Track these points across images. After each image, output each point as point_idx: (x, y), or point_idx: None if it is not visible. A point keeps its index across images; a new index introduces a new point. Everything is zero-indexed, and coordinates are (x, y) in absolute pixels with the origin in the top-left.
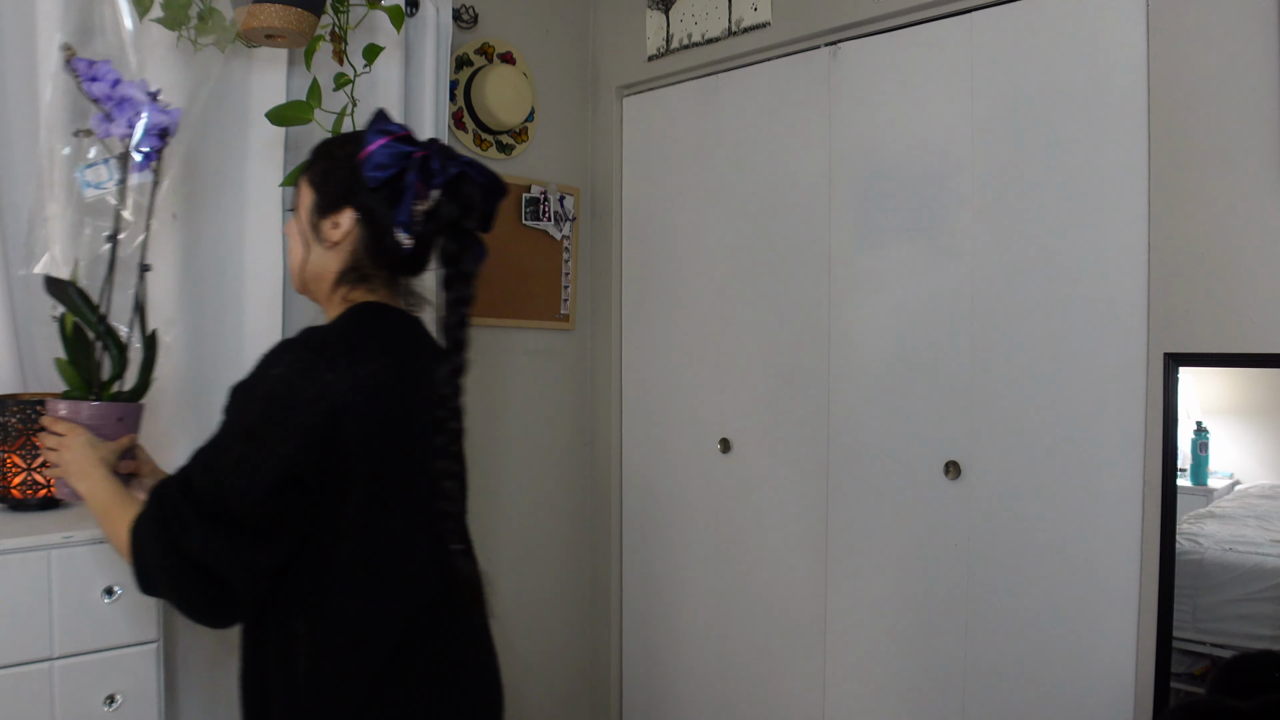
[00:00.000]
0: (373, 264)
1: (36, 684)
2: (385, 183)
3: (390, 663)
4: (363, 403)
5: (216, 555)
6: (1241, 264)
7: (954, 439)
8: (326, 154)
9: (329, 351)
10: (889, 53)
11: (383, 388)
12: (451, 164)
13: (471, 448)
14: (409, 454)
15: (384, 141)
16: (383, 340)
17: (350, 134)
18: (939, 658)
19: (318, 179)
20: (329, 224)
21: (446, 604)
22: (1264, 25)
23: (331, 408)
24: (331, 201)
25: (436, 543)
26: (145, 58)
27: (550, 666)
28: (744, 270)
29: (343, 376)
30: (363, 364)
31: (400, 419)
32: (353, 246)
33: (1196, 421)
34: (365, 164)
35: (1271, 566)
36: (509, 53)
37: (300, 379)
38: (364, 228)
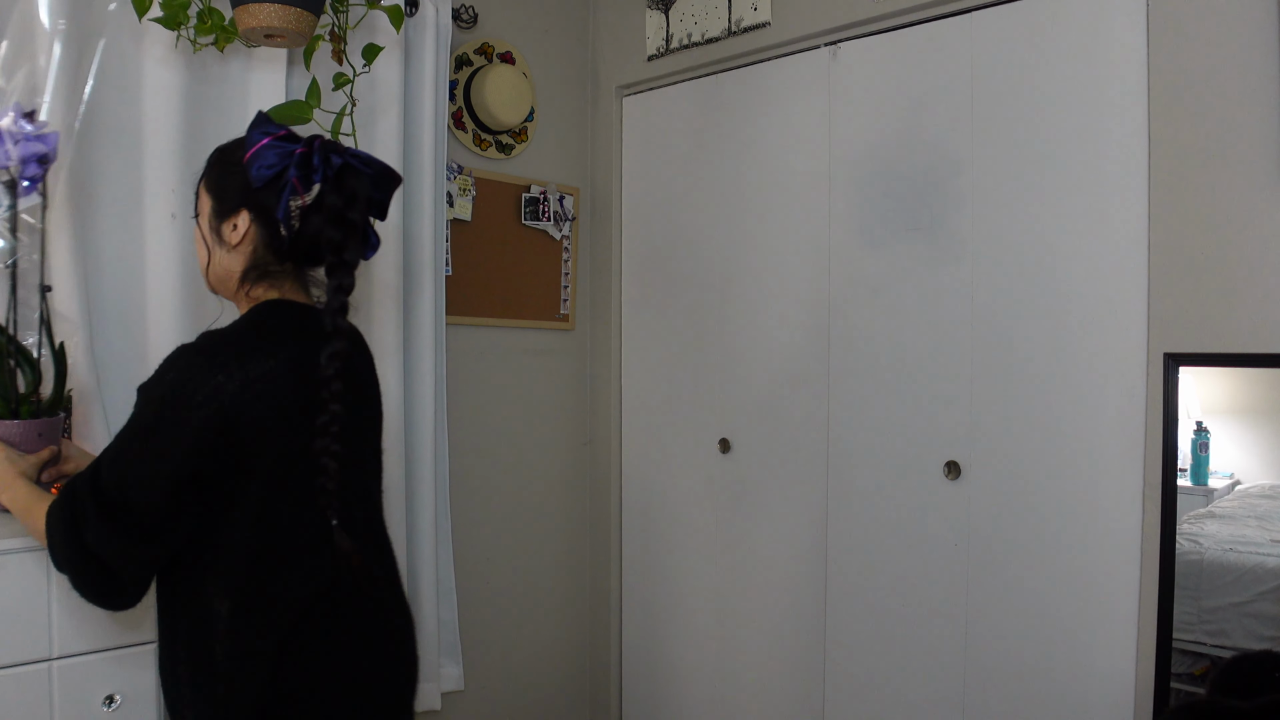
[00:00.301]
0: (275, 260)
1: (36, 684)
2: (270, 180)
3: (293, 638)
4: (254, 401)
5: (109, 549)
6: (1241, 264)
7: (954, 439)
8: (220, 160)
9: (221, 354)
10: (889, 53)
11: (275, 384)
12: (335, 157)
13: (471, 447)
14: (306, 445)
15: (266, 141)
16: (278, 337)
17: (239, 139)
18: (939, 658)
19: (214, 185)
20: (228, 226)
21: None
22: (1264, 25)
23: (222, 407)
24: (228, 205)
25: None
26: (145, 57)
27: (550, 665)
28: (744, 270)
29: (233, 377)
30: (254, 364)
31: (294, 412)
32: (252, 245)
33: (1196, 421)
34: (250, 165)
35: (1272, 566)
36: (508, 52)
37: (192, 382)
38: (259, 226)
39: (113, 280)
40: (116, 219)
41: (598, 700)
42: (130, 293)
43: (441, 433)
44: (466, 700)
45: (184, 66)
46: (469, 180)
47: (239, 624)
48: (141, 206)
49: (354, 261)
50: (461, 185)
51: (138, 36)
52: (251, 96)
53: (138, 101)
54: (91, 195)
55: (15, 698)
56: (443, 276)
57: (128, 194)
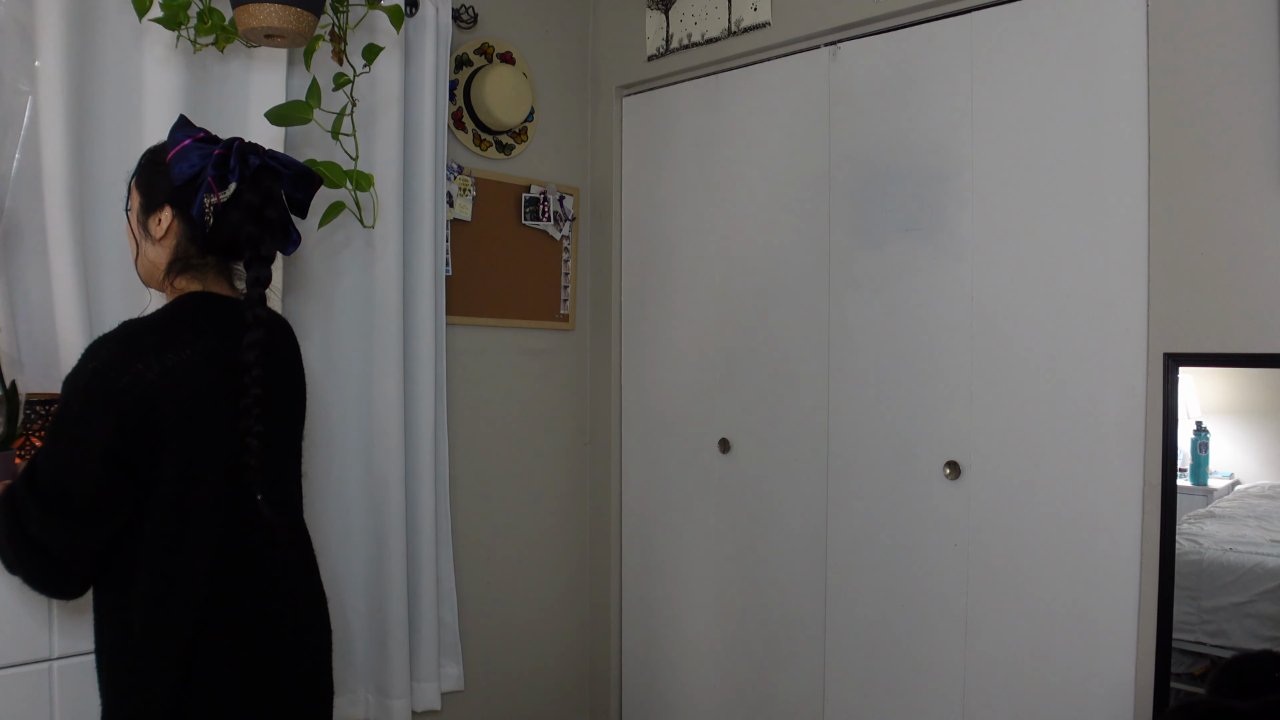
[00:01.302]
0: (197, 253)
1: (36, 684)
2: (190, 179)
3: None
4: (171, 388)
5: (54, 538)
6: (1241, 264)
7: (954, 439)
8: (149, 160)
9: (140, 344)
10: (889, 53)
11: (192, 373)
12: (253, 158)
13: (472, 448)
14: (222, 430)
15: (187, 143)
16: (197, 327)
17: (166, 141)
18: (939, 658)
19: (142, 183)
20: (154, 221)
21: (257, 561)
22: (1264, 25)
23: (144, 395)
24: (153, 201)
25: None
26: (145, 57)
27: (550, 665)
28: (744, 270)
29: (151, 366)
30: (172, 353)
31: (211, 400)
32: (175, 239)
33: (1196, 421)
34: (172, 164)
35: (1271, 566)
36: (508, 53)
37: (114, 370)
38: (181, 222)
39: (113, 280)
40: (117, 221)
41: (598, 700)
42: (129, 292)
43: (441, 432)
44: (466, 700)
45: (184, 66)
46: (469, 180)
47: (153, 604)
48: None
49: (270, 256)
50: (461, 185)
51: (138, 36)
52: (251, 97)
53: (138, 101)
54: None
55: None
56: (443, 276)
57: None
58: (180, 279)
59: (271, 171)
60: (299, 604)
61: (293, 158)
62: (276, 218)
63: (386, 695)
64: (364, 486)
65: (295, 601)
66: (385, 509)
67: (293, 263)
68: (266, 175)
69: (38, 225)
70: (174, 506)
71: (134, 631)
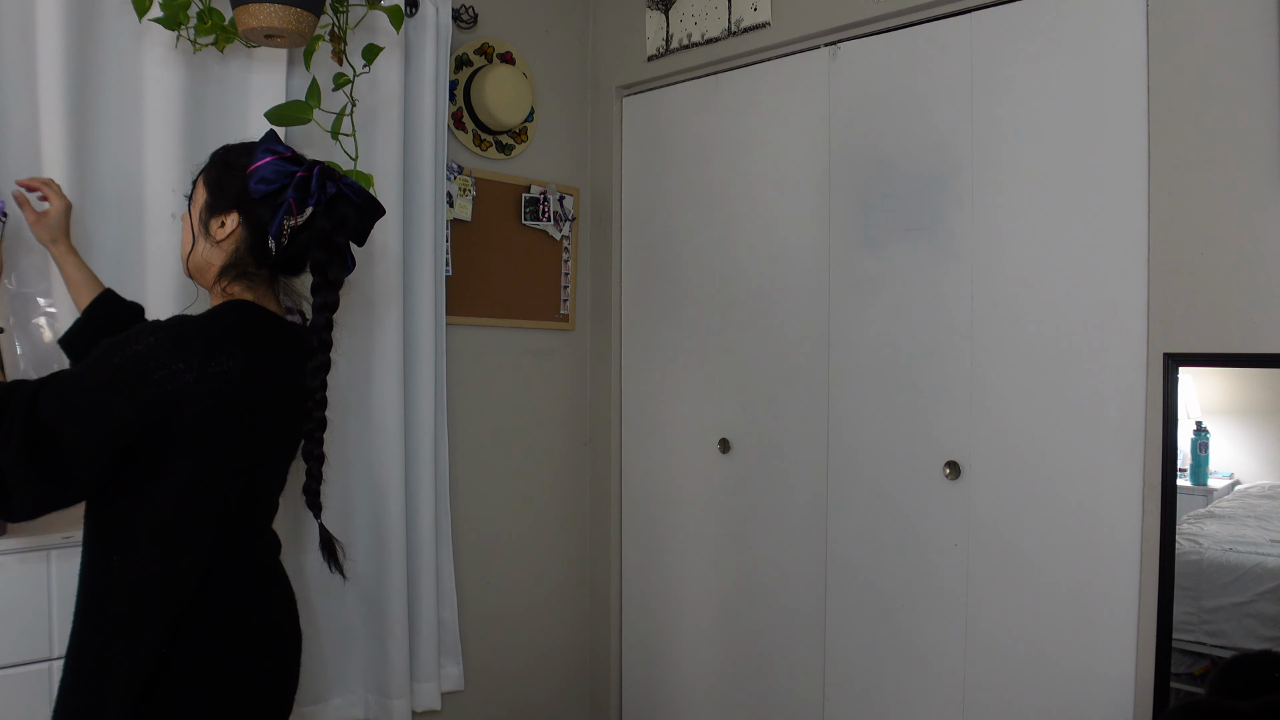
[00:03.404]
0: (254, 264)
1: (36, 684)
2: (268, 195)
3: (188, 607)
4: (206, 397)
5: (18, 474)
6: (1241, 264)
7: (954, 439)
8: (223, 160)
9: (189, 343)
10: (889, 53)
11: (229, 385)
12: (330, 184)
13: (471, 447)
14: (247, 445)
15: (271, 159)
16: (244, 339)
17: (247, 145)
18: (939, 658)
19: (212, 182)
20: (216, 223)
21: (247, 571)
22: (1264, 25)
23: (175, 395)
24: (221, 204)
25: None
26: (145, 58)
27: (550, 665)
28: (744, 270)
29: (192, 368)
30: (215, 361)
31: (242, 414)
32: (235, 245)
33: (1196, 421)
34: (252, 176)
35: (1271, 566)
36: (509, 53)
37: (154, 360)
38: (246, 230)
39: (113, 279)
40: (116, 219)
41: (598, 700)
42: (130, 292)
43: (441, 433)
44: (466, 700)
45: (184, 66)
46: (469, 180)
47: (136, 591)
48: (142, 206)
49: (338, 281)
50: (461, 185)
51: (138, 36)
52: (251, 97)
53: (138, 101)
54: (92, 197)
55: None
56: (443, 276)
57: (128, 194)
58: (234, 285)
59: (346, 200)
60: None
61: (362, 186)
62: (344, 244)
63: (386, 695)
64: (364, 486)
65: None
66: (385, 509)
67: None
68: (341, 203)
69: None
70: (175, 505)
71: (108, 615)
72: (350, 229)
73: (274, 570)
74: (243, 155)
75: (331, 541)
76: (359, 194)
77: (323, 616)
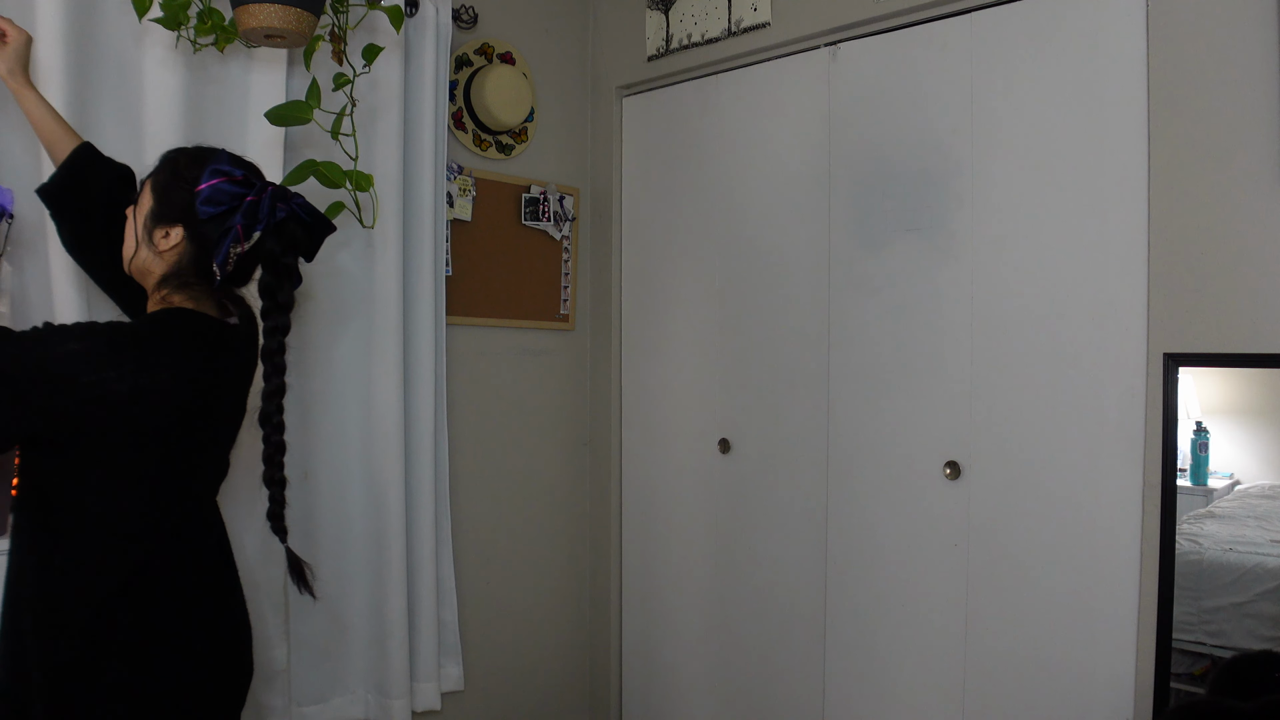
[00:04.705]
0: (194, 275)
1: None
2: (215, 217)
3: (125, 587)
4: (135, 406)
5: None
6: (1241, 264)
7: (954, 439)
8: (173, 169)
9: (123, 352)
10: (889, 53)
11: (162, 396)
12: (281, 208)
13: (471, 447)
14: (181, 449)
15: (219, 181)
16: (181, 349)
17: (199, 154)
18: (939, 657)
19: (159, 189)
20: (160, 233)
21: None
22: (1264, 25)
23: (102, 401)
24: (167, 214)
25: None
26: (145, 58)
27: (550, 666)
28: (744, 270)
29: (125, 378)
30: (148, 373)
31: (174, 423)
32: (177, 257)
33: (1196, 421)
34: (199, 197)
35: (1271, 567)
36: (509, 53)
37: (85, 365)
38: (191, 245)
39: None
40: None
41: (598, 700)
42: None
43: (441, 433)
44: (466, 700)
45: (184, 67)
46: (469, 180)
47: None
48: None
49: (288, 304)
50: (461, 185)
51: (138, 36)
52: (251, 97)
53: (138, 102)
54: None
55: None
56: (443, 276)
57: None
58: (175, 295)
59: (296, 220)
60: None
61: (312, 205)
62: (293, 265)
63: (386, 695)
64: (364, 486)
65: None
66: (385, 509)
67: None
68: (291, 224)
69: (38, 225)
70: (105, 501)
71: (48, 582)
72: (300, 250)
73: (213, 567)
74: (193, 166)
75: (300, 565)
76: (309, 213)
77: (322, 617)
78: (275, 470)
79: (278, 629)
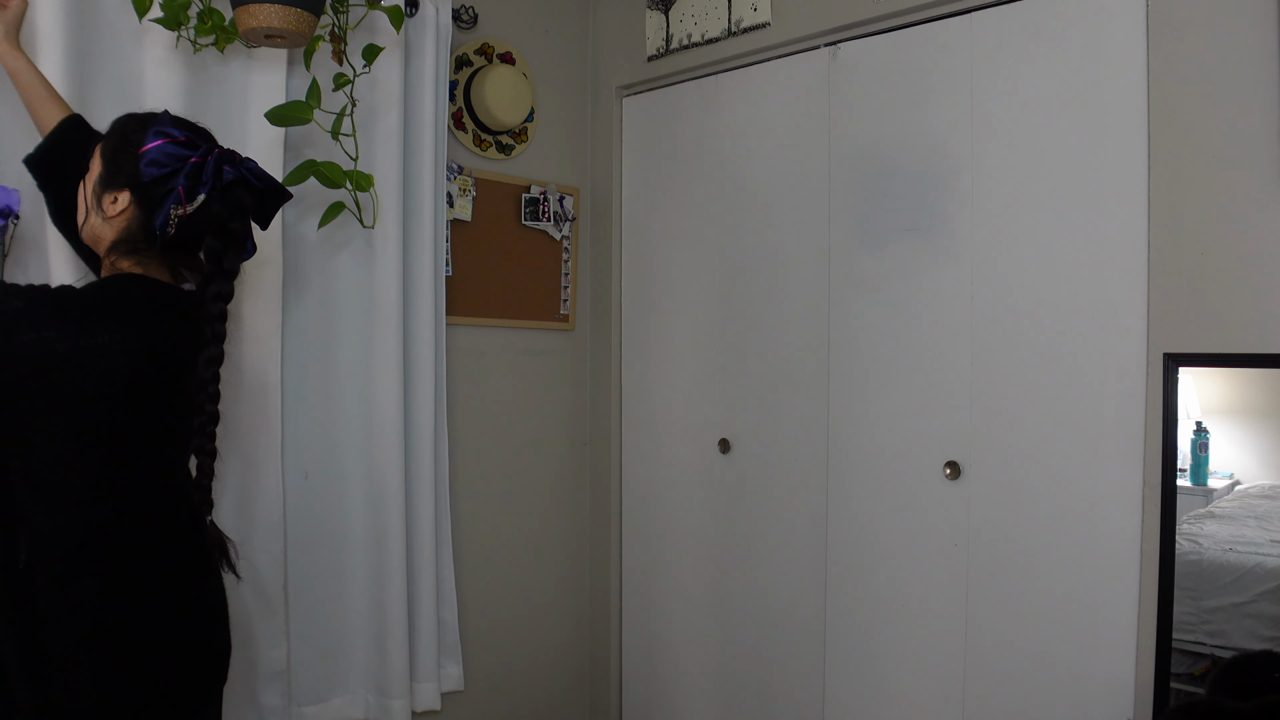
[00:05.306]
0: (144, 241)
1: None
2: (158, 179)
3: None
4: (76, 369)
5: None
6: (1241, 264)
7: (954, 439)
8: (120, 134)
9: (66, 313)
10: (889, 53)
11: (104, 359)
12: (228, 169)
13: (471, 447)
14: (129, 414)
15: (162, 142)
16: (127, 313)
17: (147, 118)
18: (939, 658)
19: (107, 155)
20: (109, 199)
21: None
22: (1264, 25)
23: (41, 360)
24: (114, 180)
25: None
26: (145, 58)
27: (550, 666)
28: (744, 270)
29: (65, 338)
30: (91, 334)
31: (121, 387)
32: (126, 222)
33: (1196, 421)
34: (142, 159)
35: (1271, 567)
36: (509, 53)
37: (26, 321)
38: (138, 209)
39: None
40: None
41: (598, 700)
42: None
43: (441, 433)
44: (466, 700)
45: (184, 67)
46: (469, 180)
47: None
48: None
49: (233, 270)
50: (461, 185)
51: (138, 36)
52: (251, 97)
53: (138, 102)
54: None
55: None
56: (443, 276)
57: None
58: (124, 260)
59: (244, 184)
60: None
61: (264, 170)
62: (241, 231)
63: (386, 695)
64: (364, 486)
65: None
66: (385, 509)
67: (293, 262)
68: (239, 188)
69: (37, 226)
70: (58, 464)
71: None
72: (248, 215)
73: (185, 536)
74: (138, 130)
75: (223, 540)
76: (260, 178)
77: (323, 616)
78: (206, 440)
79: (278, 629)
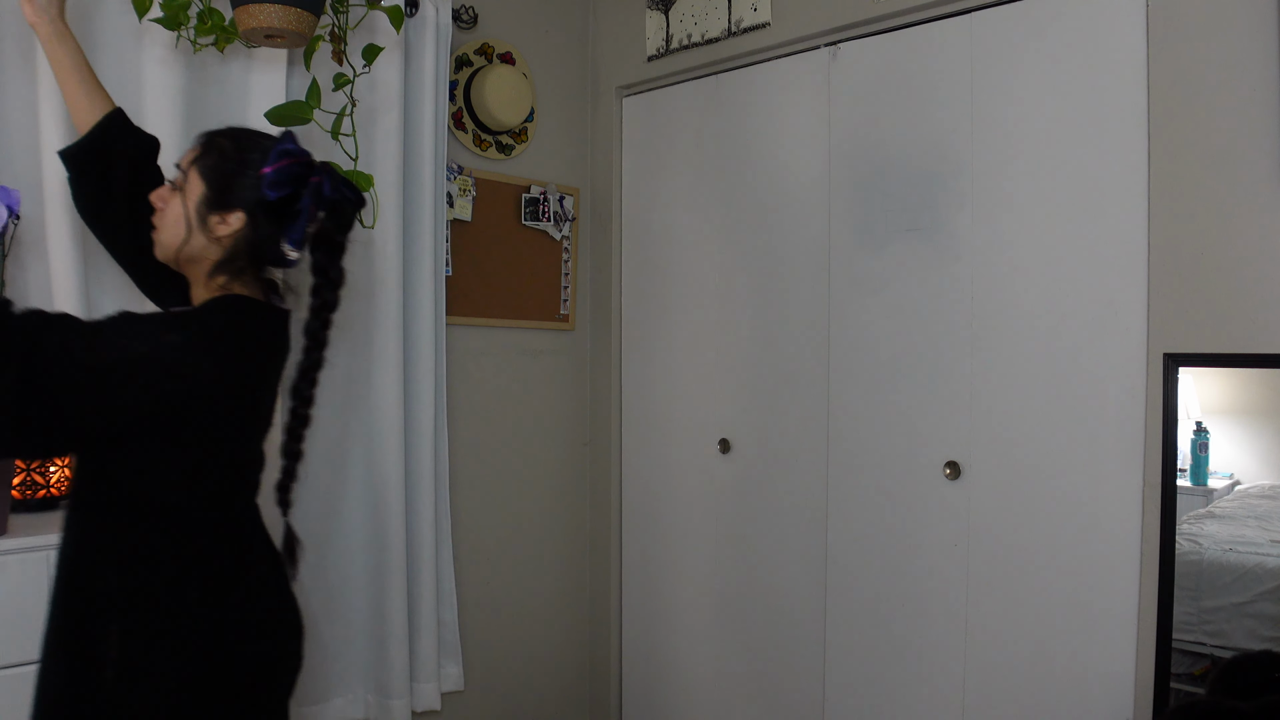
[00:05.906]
0: (248, 260)
1: None
2: (282, 200)
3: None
4: (218, 388)
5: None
6: (1241, 264)
7: (954, 439)
8: (219, 150)
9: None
10: (889, 53)
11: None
12: (344, 188)
13: (471, 447)
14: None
15: (286, 164)
16: (253, 336)
17: (248, 137)
18: (939, 657)
19: (211, 174)
20: (217, 219)
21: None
22: (1264, 26)
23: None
24: (225, 200)
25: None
26: (145, 58)
27: (550, 666)
28: (744, 270)
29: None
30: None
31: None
32: (234, 243)
33: (1196, 421)
34: (265, 180)
35: (1271, 566)
36: (509, 53)
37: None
38: (250, 230)
39: (114, 280)
40: None
41: (598, 700)
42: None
43: (441, 433)
44: (466, 700)
45: (184, 67)
46: (469, 180)
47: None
48: None
49: (339, 281)
50: (461, 185)
51: (138, 36)
52: (252, 97)
53: (138, 102)
54: None
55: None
56: (443, 276)
57: None
58: (234, 283)
59: (348, 201)
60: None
61: (351, 181)
62: (344, 244)
63: (386, 695)
64: (364, 486)
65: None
66: (385, 509)
67: None
68: (345, 204)
69: (38, 226)
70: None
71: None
72: (350, 228)
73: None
74: (253, 150)
75: (294, 543)
76: (354, 191)
77: (323, 616)
78: (295, 442)
79: None
